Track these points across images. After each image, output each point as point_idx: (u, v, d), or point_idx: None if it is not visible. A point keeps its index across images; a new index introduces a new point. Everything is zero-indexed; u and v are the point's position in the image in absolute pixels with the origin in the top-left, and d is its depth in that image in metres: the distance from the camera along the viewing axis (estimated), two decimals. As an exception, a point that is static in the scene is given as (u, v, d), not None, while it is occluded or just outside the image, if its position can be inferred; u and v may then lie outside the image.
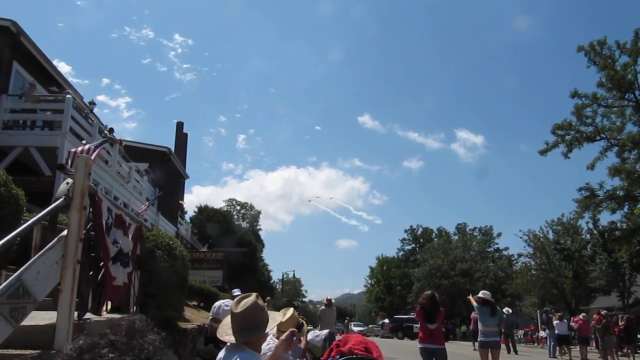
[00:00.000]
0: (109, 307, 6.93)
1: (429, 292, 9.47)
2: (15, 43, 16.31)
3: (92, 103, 22.60)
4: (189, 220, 41.07)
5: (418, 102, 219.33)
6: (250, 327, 2.94)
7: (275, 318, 3.34)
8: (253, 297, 3.04)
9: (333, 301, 18.00)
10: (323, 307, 17.32)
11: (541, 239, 45.24)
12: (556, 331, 23.07)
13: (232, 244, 40.89)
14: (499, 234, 68.96)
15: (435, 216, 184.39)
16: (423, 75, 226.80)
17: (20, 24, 15.97)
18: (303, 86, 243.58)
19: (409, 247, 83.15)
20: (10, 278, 3.11)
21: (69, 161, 14.31)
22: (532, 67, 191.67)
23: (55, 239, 3.58)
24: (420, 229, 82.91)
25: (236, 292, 9.59)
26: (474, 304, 11.29)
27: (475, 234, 70.79)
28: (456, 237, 71.44)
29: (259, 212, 76.52)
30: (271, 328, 3.20)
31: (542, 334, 33.83)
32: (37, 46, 17.19)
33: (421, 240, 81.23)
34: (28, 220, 6.39)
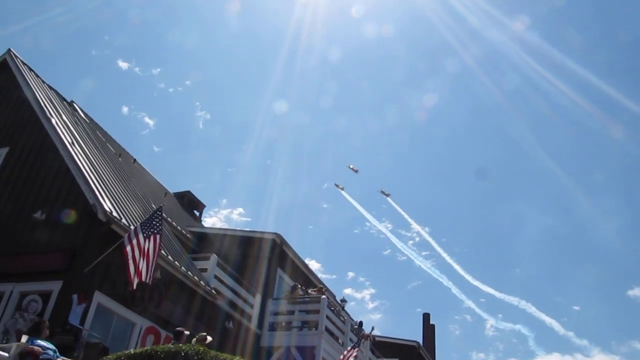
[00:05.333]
0: None
1: None
2: (279, 252, 18.65)
3: (344, 301, 23.88)
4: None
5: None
6: None
7: None
8: None
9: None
10: None
11: None
12: None
13: None
14: None
15: None
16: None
17: (281, 232, 18.46)
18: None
19: None
20: None
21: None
22: None
23: None
24: None
25: None
26: None
27: None
28: None
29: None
30: None
31: None
32: (295, 252, 19.35)
33: None
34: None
